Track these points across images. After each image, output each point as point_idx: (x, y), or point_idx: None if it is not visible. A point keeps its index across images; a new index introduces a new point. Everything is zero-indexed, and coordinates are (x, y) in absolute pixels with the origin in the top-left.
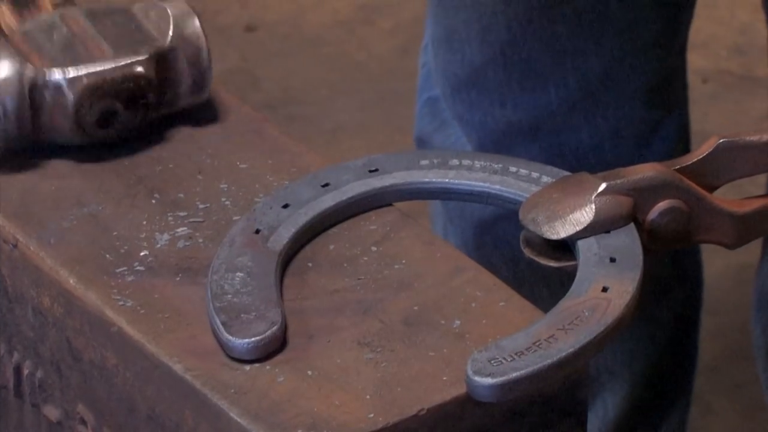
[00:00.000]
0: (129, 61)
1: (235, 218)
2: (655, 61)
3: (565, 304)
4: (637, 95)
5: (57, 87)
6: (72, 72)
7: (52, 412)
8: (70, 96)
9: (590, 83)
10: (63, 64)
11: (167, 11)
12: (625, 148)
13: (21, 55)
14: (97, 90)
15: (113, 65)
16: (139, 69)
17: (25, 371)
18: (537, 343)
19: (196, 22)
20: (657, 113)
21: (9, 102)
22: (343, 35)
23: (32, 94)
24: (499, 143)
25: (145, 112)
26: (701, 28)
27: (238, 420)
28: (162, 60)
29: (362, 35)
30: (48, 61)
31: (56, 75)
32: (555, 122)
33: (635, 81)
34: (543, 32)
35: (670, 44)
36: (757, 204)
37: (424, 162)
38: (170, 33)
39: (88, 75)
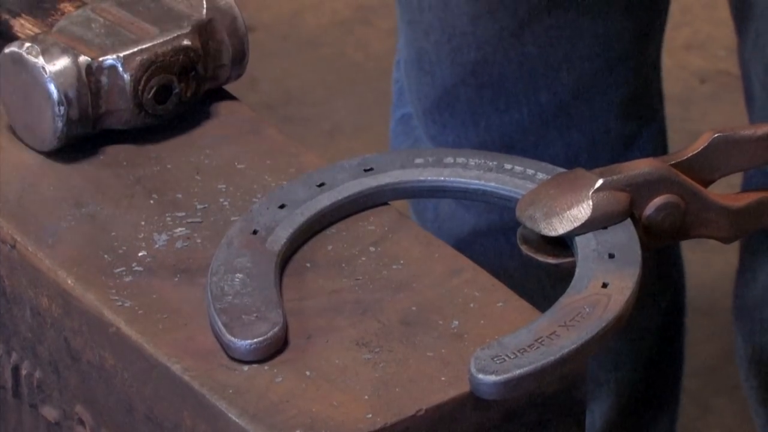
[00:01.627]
0: (175, 35)
1: (233, 218)
2: (628, 73)
3: (566, 300)
4: (612, 108)
5: (112, 69)
6: (125, 52)
7: (50, 413)
8: (126, 75)
9: (562, 99)
10: (112, 48)
11: None
12: (602, 161)
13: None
14: (151, 65)
15: (162, 40)
16: (186, 42)
17: (24, 372)
18: (539, 340)
19: None
20: (632, 125)
21: (71, 92)
22: (341, 36)
23: (89, 81)
24: None
25: (197, 85)
26: (699, 28)
27: (237, 420)
28: (203, 32)
29: (360, 36)
30: (95, 48)
31: (110, 58)
32: (528, 139)
33: (608, 94)
34: (513, 52)
35: (643, 56)
36: (751, 198)
37: (418, 161)
38: (204, 5)
39: (140, 52)
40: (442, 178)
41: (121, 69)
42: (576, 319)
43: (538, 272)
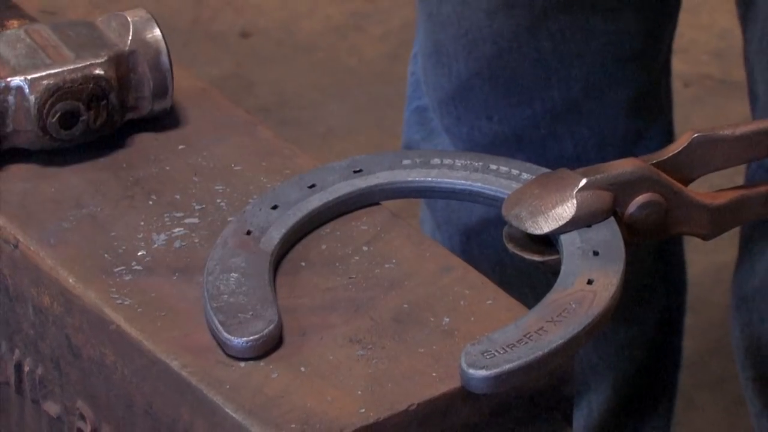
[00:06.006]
0: (88, 63)
1: (229, 219)
2: (638, 72)
3: (552, 297)
4: (621, 105)
5: (19, 90)
6: (33, 75)
7: (52, 408)
8: (31, 98)
9: (574, 95)
10: (24, 70)
11: (127, 19)
12: (610, 157)
13: None
14: (57, 91)
15: (72, 67)
16: (99, 71)
17: (26, 368)
18: (528, 336)
19: (156, 28)
20: (641, 122)
21: None
22: (335, 41)
23: None
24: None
25: (108, 114)
26: (683, 33)
27: (233, 415)
28: (122, 63)
29: (354, 41)
30: (8, 68)
31: (17, 80)
32: (539, 133)
33: (619, 92)
34: (528, 48)
35: (654, 54)
36: (729, 196)
37: (406, 162)
38: (129, 38)
39: (48, 77)
40: (430, 179)
41: (27, 91)
42: (563, 314)
43: None
